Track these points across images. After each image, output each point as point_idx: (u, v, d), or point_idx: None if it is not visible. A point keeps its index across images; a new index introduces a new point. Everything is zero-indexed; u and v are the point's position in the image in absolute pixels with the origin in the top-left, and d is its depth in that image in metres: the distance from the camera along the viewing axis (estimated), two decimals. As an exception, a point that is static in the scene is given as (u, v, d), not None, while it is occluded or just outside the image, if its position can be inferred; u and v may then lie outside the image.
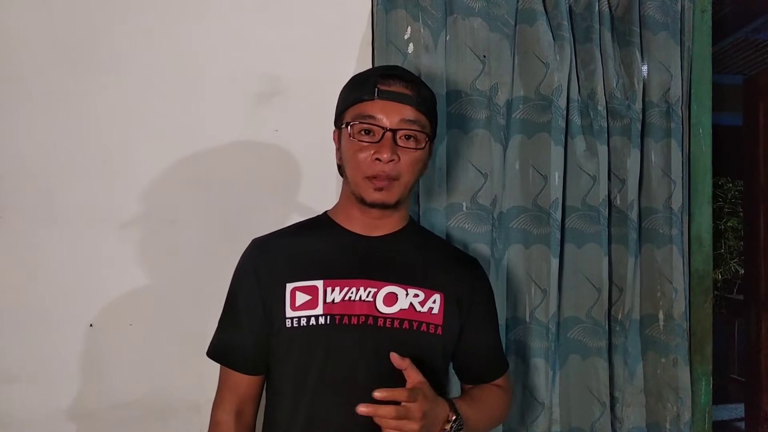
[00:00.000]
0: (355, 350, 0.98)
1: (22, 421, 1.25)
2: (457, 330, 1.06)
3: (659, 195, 1.53)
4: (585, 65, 1.49)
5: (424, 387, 0.91)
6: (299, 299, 1.00)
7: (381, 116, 0.97)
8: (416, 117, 0.99)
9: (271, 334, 1.02)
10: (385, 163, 0.96)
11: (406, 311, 1.01)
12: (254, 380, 1.05)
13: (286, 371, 1.01)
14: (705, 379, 1.58)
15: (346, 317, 0.99)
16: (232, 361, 1.04)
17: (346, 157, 1.02)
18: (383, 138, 0.97)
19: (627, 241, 1.49)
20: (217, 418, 1.04)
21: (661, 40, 1.53)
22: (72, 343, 1.28)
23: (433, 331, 1.02)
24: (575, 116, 1.47)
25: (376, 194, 0.99)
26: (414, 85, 1.01)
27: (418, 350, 1.00)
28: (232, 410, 1.04)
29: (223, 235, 1.33)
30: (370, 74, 1.03)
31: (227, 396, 1.04)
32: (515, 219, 1.45)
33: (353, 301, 1.00)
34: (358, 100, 1.00)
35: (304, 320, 0.99)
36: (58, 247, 1.28)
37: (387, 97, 0.98)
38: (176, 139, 1.33)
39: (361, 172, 0.98)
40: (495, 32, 1.43)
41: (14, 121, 1.26)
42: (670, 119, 1.53)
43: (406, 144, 0.99)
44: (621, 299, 1.50)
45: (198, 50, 1.34)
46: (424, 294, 1.03)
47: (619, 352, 1.50)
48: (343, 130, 1.02)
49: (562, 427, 1.46)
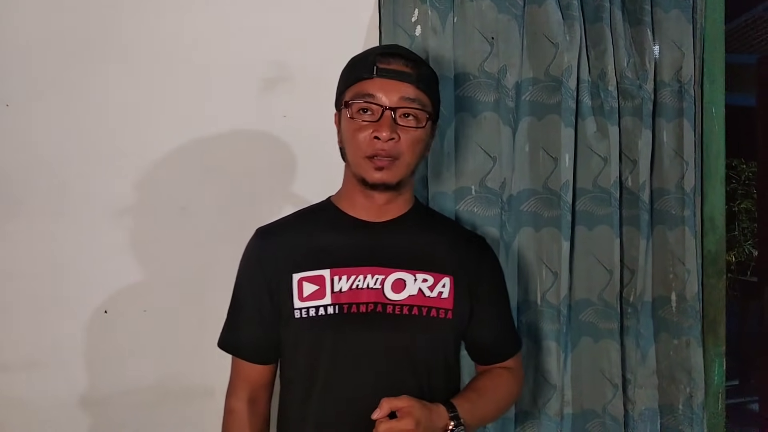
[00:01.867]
0: (363, 339, 0.98)
1: (39, 407, 1.27)
2: (467, 312, 1.06)
3: (671, 176, 1.51)
4: (595, 45, 1.47)
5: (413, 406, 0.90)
6: (306, 290, 1.00)
7: (380, 94, 0.96)
8: (416, 95, 0.97)
9: (279, 324, 1.02)
10: (385, 142, 0.95)
11: (415, 297, 1.00)
12: (265, 369, 1.06)
13: (296, 361, 1.01)
14: (718, 360, 1.57)
15: (354, 306, 0.99)
16: (242, 351, 1.05)
17: (346, 138, 1.01)
18: (382, 116, 0.95)
19: (639, 223, 1.48)
20: (231, 406, 1.05)
21: (672, 18, 1.50)
22: (87, 330, 1.30)
23: (443, 315, 1.02)
24: (585, 97, 1.45)
25: (377, 174, 0.97)
26: (413, 63, 0.99)
27: (428, 335, 1.01)
28: (246, 398, 1.05)
29: (233, 221, 1.34)
30: (369, 53, 1.01)
31: (240, 384, 1.05)
32: (525, 202, 1.45)
33: (360, 289, 0.99)
34: (357, 79, 0.99)
35: (313, 311, 0.99)
36: (72, 236, 1.29)
37: (386, 75, 0.96)
38: (185, 126, 1.33)
39: (361, 151, 0.97)
40: (503, 13, 1.41)
41: (26, 113, 1.27)
42: (682, 99, 1.51)
43: (406, 123, 0.97)
44: (633, 281, 1.50)
45: (205, 37, 1.34)
46: (433, 278, 1.03)
47: (631, 334, 1.49)
48: (343, 110, 1.00)
49: (574, 409, 1.46)
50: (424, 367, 1.00)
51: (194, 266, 1.33)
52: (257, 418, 1.05)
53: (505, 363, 1.14)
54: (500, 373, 1.12)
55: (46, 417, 1.28)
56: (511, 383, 1.12)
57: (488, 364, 1.14)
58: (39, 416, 1.27)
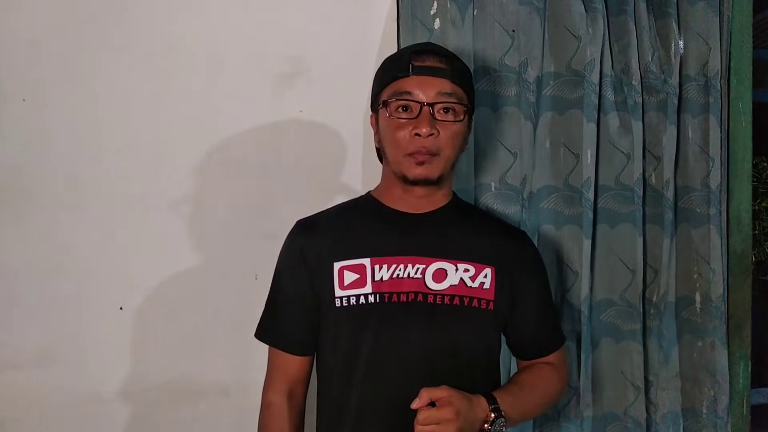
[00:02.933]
0: (405, 327, 0.98)
1: (56, 404, 1.27)
2: (509, 304, 1.04)
3: (696, 173, 1.47)
4: (618, 38, 1.43)
5: (452, 396, 0.89)
6: (347, 278, 1.00)
7: (417, 91, 0.97)
8: (453, 89, 0.98)
9: (319, 314, 1.02)
10: (425, 138, 0.95)
11: (456, 287, 1.00)
12: (304, 361, 1.05)
13: (336, 350, 1.00)
14: (743, 362, 1.53)
15: (395, 295, 0.98)
16: (282, 342, 1.04)
17: (385, 137, 1.01)
18: (421, 113, 0.96)
19: (662, 221, 1.44)
20: (269, 400, 1.04)
21: (699, 11, 1.46)
22: (103, 326, 1.29)
23: (485, 306, 1.01)
24: (608, 92, 1.41)
25: (418, 169, 0.97)
26: (447, 59, 1.00)
27: (469, 325, 1.00)
28: (284, 391, 1.04)
29: (249, 216, 1.32)
30: (403, 52, 1.03)
31: (278, 377, 1.05)
32: (546, 199, 1.41)
33: (402, 278, 0.99)
34: (393, 78, 0.99)
35: (354, 299, 0.99)
36: (87, 232, 1.28)
37: (421, 72, 0.97)
38: (199, 122, 1.32)
39: (402, 149, 0.98)
40: (524, 5, 1.37)
41: (41, 109, 1.26)
42: (709, 94, 1.47)
43: (445, 117, 0.98)
44: (656, 281, 1.46)
45: (221, 32, 1.32)
46: (475, 269, 1.02)
47: (653, 335, 1.46)
48: (381, 110, 1.01)
49: (595, 412, 1.43)
50: (465, 356, 1.00)
51: (210, 263, 1.32)
52: (295, 413, 1.04)
53: (548, 358, 1.12)
54: (542, 368, 1.10)
55: (62, 414, 1.27)
56: (555, 378, 1.10)
57: (530, 359, 1.12)
58: (55, 413, 1.27)
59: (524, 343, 1.12)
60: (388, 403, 0.96)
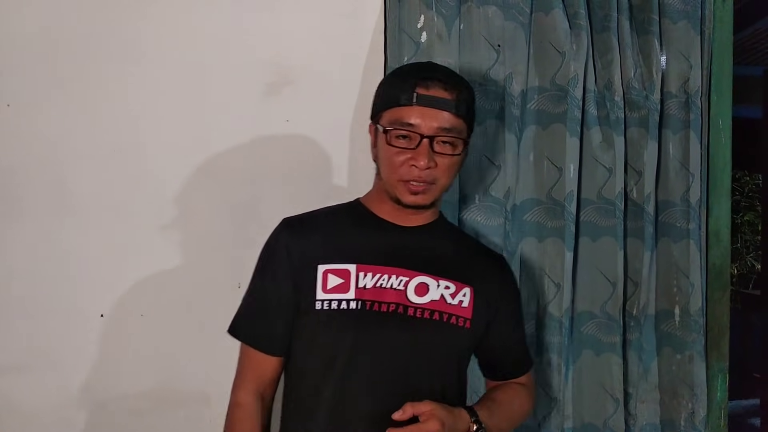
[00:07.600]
0: (383, 337, 0.98)
1: (32, 411, 1.26)
2: (484, 325, 1.06)
3: (677, 188, 1.49)
4: (602, 55, 1.46)
5: (436, 409, 0.91)
6: (331, 282, 0.99)
7: (419, 122, 0.96)
8: (453, 124, 0.98)
9: (297, 314, 1.01)
10: (422, 170, 0.96)
11: (437, 302, 1.01)
12: (277, 362, 1.04)
13: (312, 353, 1.00)
14: (722, 375, 1.55)
15: (377, 304, 0.99)
16: (257, 339, 1.02)
17: (381, 158, 1.01)
18: (420, 145, 0.96)
19: (643, 235, 1.46)
20: (239, 400, 1.02)
21: (680, 29, 1.49)
22: (83, 334, 1.28)
23: (462, 324, 1.02)
24: (591, 107, 1.44)
25: (412, 197, 0.99)
26: (453, 87, 0.98)
27: (445, 342, 1.01)
28: (255, 391, 1.02)
29: (233, 226, 1.32)
30: (410, 75, 1.00)
31: (249, 376, 1.03)
32: (529, 212, 1.43)
33: (384, 288, 1.00)
34: (395, 102, 0.98)
35: (335, 303, 0.98)
36: (70, 238, 1.27)
37: (425, 102, 0.96)
38: (186, 129, 1.32)
39: (397, 175, 0.98)
40: (510, 21, 1.39)
41: (26, 113, 1.26)
42: (689, 110, 1.49)
43: (443, 150, 0.98)
44: (636, 294, 1.48)
45: (208, 40, 1.33)
46: (456, 287, 1.03)
47: (633, 347, 1.47)
48: (380, 133, 1.00)
49: (575, 423, 1.44)
50: (439, 371, 1.01)
51: (192, 271, 1.32)
52: (264, 413, 1.03)
53: (519, 379, 1.15)
54: (514, 387, 1.13)
55: (40, 421, 1.26)
56: (527, 398, 1.14)
57: (501, 379, 1.15)
58: (34, 420, 1.25)
59: (495, 365, 1.15)
60: (363, 410, 0.97)
